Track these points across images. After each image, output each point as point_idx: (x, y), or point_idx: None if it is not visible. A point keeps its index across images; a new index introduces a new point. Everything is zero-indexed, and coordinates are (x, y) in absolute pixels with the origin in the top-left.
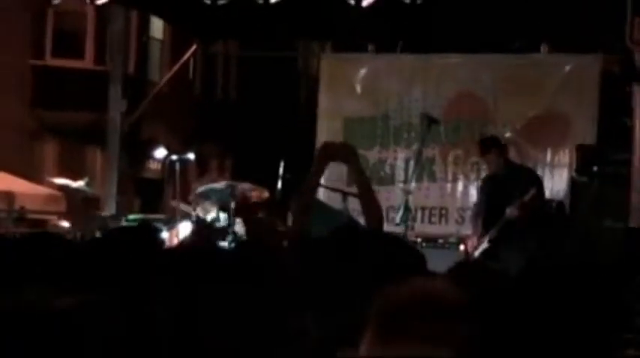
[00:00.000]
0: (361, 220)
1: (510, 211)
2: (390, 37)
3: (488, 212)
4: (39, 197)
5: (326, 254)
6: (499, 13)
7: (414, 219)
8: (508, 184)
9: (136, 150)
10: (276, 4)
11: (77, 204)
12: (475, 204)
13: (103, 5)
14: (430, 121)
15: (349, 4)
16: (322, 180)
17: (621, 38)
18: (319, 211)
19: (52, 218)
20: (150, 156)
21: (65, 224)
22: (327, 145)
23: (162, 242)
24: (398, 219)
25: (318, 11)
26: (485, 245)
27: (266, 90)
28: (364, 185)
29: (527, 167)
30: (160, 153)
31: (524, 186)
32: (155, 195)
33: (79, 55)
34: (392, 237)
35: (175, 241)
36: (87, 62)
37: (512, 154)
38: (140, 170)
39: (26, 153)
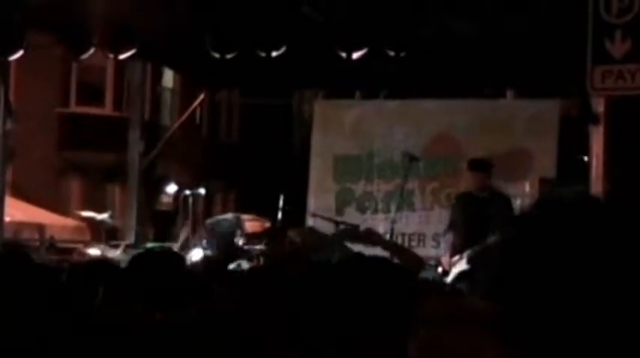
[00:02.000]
0: (353, 247)
1: (497, 237)
2: (375, 86)
3: (466, 230)
4: (67, 228)
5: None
6: (471, 63)
7: None
8: (489, 207)
9: (152, 186)
10: (275, 57)
11: (101, 234)
12: (450, 222)
13: (122, 59)
14: (411, 159)
15: (340, 57)
16: (314, 210)
17: (580, 84)
18: (318, 239)
19: (79, 246)
20: (163, 191)
21: (91, 251)
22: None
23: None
24: None
25: (312, 63)
26: (463, 265)
27: (265, 133)
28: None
29: (505, 194)
30: (172, 188)
31: (505, 212)
32: (168, 225)
33: (101, 102)
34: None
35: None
36: (107, 109)
37: None
38: (155, 203)
39: (54, 189)
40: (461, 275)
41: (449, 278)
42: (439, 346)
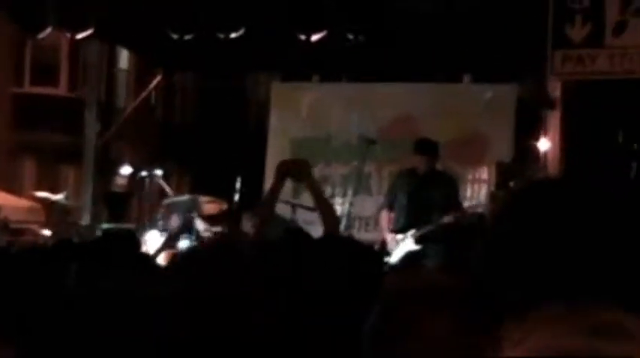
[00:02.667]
0: (310, 229)
1: (449, 218)
2: (333, 69)
3: (408, 209)
4: (20, 208)
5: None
6: (428, 48)
7: (353, 227)
8: (432, 186)
9: (106, 167)
10: (232, 39)
11: (56, 215)
12: (386, 196)
13: (78, 39)
14: (368, 142)
15: (299, 40)
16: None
17: (536, 69)
18: (273, 222)
19: (34, 227)
20: (117, 173)
21: (45, 232)
22: (282, 163)
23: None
24: (342, 228)
25: (269, 45)
26: (410, 245)
27: (220, 116)
28: (320, 196)
29: (449, 174)
30: (127, 170)
31: (447, 194)
32: (122, 206)
33: (56, 83)
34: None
35: (144, 248)
36: (62, 90)
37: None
38: (109, 184)
39: (8, 169)
40: (409, 256)
41: (393, 258)
42: (394, 318)
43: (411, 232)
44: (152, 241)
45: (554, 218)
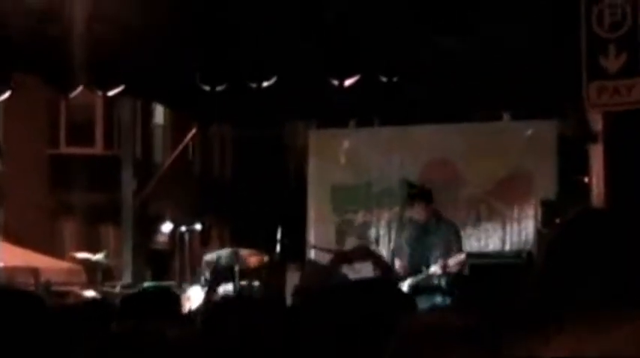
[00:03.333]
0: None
1: (434, 269)
2: (368, 113)
3: (409, 257)
4: (62, 270)
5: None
6: (465, 87)
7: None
8: (432, 235)
9: (146, 225)
10: (265, 88)
11: (97, 275)
12: (394, 247)
13: (111, 97)
14: (409, 186)
15: (332, 85)
16: (314, 243)
17: (576, 102)
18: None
19: (75, 289)
20: (158, 230)
21: (88, 293)
22: (342, 255)
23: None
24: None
25: (303, 92)
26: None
27: (258, 166)
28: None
29: (452, 222)
30: (167, 226)
31: (447, 242)
32: (164, 263)
33: (91, 142)
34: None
35: (188, 305)
36: (98, 148)
37: (483, 211)
38: (150, 242)
39: (47, 231)
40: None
41: None
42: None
43: (408, 281)
44: (195, 297)
45: (602, 245)
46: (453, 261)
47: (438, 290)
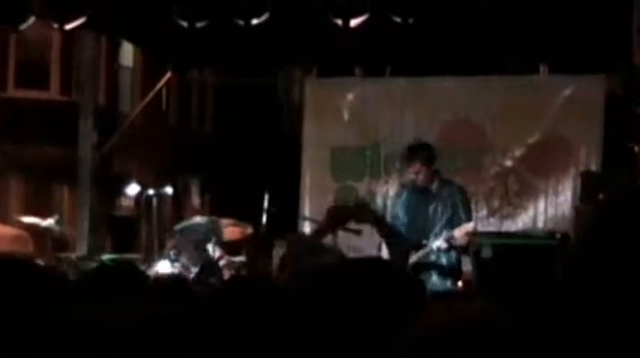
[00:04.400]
0: (351, 255)
1: (439, 244)
2: (379, 60)
3: (408, 230)
4: (5, 237)
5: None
6: (495, 33)
7: None
8: (434, 202)
9: (107, 186)
10: (255, 27)
11: (46, 244)
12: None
13: (70, 32)
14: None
15: (335, 26)
16: (308, 214)
17: (625, 57)
18: (310, 249)
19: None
20: (121, 193)
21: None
22: (338, 211)
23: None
24: None
25: (300, 34)
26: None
27: (245, 120)
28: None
29: (458, 184)
30: (133, 189)
31: (453, 209)
32: (128, 233)
33: (45, 85)
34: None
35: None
36: (52, 93)
37: (512, 183)
38: (112, 207)
39: None
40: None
41: None
42: None
43: (412, 257)
44: (163, 274)
45: None
46: (460, 232)
47: (442, 270)
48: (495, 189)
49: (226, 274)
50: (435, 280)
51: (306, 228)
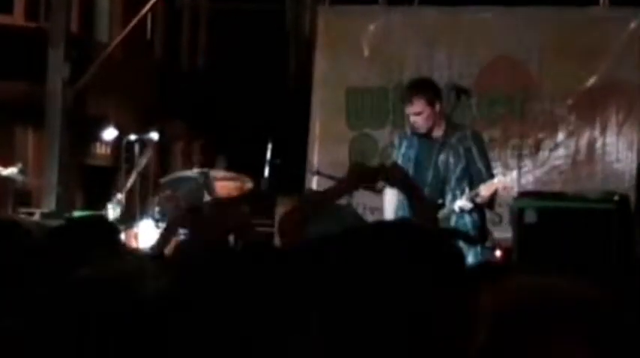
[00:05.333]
0: (368, 216)
1: (462, 204)
2: None
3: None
4: None
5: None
6: None
7: None
8: (447, 150)
9: (81, 130)
10: None
11: (7, 197)
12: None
13: None
14: (459, 93)
15: None
16: (318, 167)
17: None
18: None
19: None
20: (97, 138)
21: None
22: (362, 170)
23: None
24: None
25: None
26: None
27: (244, 54)
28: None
29: (474, 130)
30: (110, 133)
31: (468, 157)
32: (105, 186)
33: (8, 9)
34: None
35: (134, 244)
36: (17, 18)
37: (562, 133)
38: (85, 155)
39: None
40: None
41: None
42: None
43: None
44: (145, 235)
45: None
46: (488, 190)
47: (467, 234)
48: (542, 142)
49: None
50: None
51: (314, 183)
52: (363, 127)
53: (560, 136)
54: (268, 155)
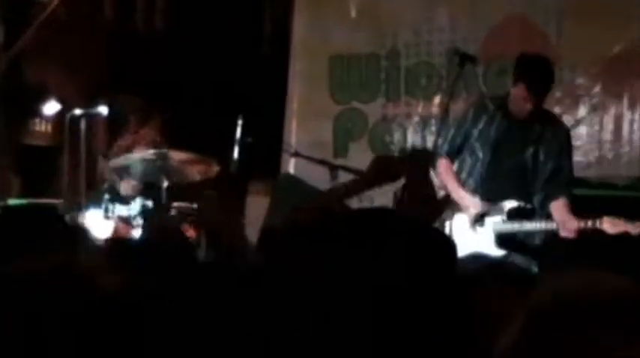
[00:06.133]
0: (352, 203)
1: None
2: None
3: (491, 167)
4: None
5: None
6: None
7: None
8: (541, 144)
9: (16, 104)
10: None
11: None
12: (451, 136)
13: None
14: (463, 60)
15: None
16: (296, 148)
17: None
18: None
19: None
20: (37, 113)
21: None
22: (387, 163)
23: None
24: None
25: None
26: (498, 221)
27: (210, 14)
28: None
29: (568, 126)
30: (52, 107)
31: (560, 158)
32: (45, 170)
33: None
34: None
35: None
36: None
37: (584, 109)
38: (22, 133)
39: None
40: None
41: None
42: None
43: (507, 203)
44: (93, 227)
45: None
46: (560, 213)
47: (531, 248)
48: (560, 118)
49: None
50: (519, 259)
51: (291, 166)
52: (351, 100)
53: (582, 111)
54: (238, 133)
